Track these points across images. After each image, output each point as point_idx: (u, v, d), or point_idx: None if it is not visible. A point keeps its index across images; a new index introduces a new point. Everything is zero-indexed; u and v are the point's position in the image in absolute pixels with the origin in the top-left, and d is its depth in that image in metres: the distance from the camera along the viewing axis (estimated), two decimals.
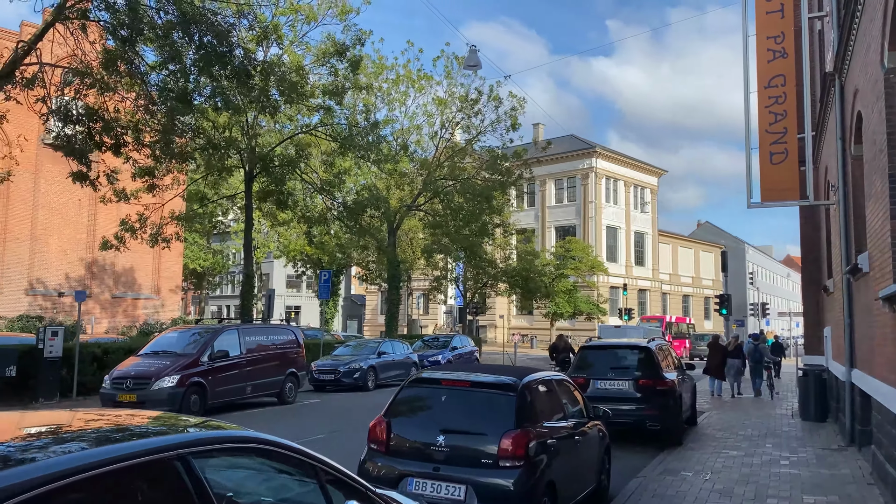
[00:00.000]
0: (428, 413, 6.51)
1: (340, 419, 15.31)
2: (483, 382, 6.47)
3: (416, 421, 6.51)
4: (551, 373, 7.62)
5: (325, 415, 16.11)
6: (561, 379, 7.64)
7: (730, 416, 15.83)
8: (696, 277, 77.03)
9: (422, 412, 6.56)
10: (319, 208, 24.31)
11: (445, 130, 33.11)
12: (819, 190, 14.22)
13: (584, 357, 12.28)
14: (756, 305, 42.51)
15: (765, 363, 20.73)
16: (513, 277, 40.80)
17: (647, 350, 11.90)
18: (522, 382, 6.43)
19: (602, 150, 64.44)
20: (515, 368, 7.70)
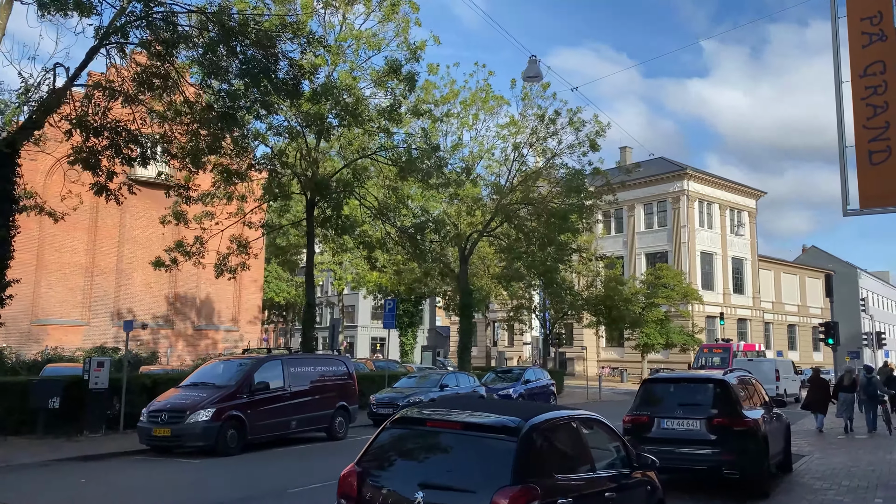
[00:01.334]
0: (408, 462, 5.26)
1: None
2: (478, 424, 5.16)
3: (393, 471, 5.25)
4: (578, 411, 6.18)
5: None
6: (591, 419, 6.18)
7: (834, 461, 13.55)
8: (803, 306, 71.63)
9: (401, 460, 5.30)
10: (379, 234, 23.54)
11: (519, 154, 31.89)
12: None
13: (649, 392, 10.62)
14: (870, 335, 38.44)
15: (880, 398, 19.27)
16: (596, 306, 38.67)
17: (723, 383, 10.12)
18: (528, 424, 5.07)
19: (694, 172, 61.32)
20: (532, 406, 6.28)
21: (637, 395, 10.66)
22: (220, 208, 22.95)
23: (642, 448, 10.01)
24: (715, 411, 9.91)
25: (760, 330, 65.25)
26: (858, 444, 16.38)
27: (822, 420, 19.37)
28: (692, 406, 10.16)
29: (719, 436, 9.69)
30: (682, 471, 9.99)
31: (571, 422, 5.69)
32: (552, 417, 5.43)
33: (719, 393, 10.07)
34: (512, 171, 32.02)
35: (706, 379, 10.44)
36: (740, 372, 11.35)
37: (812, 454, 14.66)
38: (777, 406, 12.18)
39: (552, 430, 5.35)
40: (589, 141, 29.66)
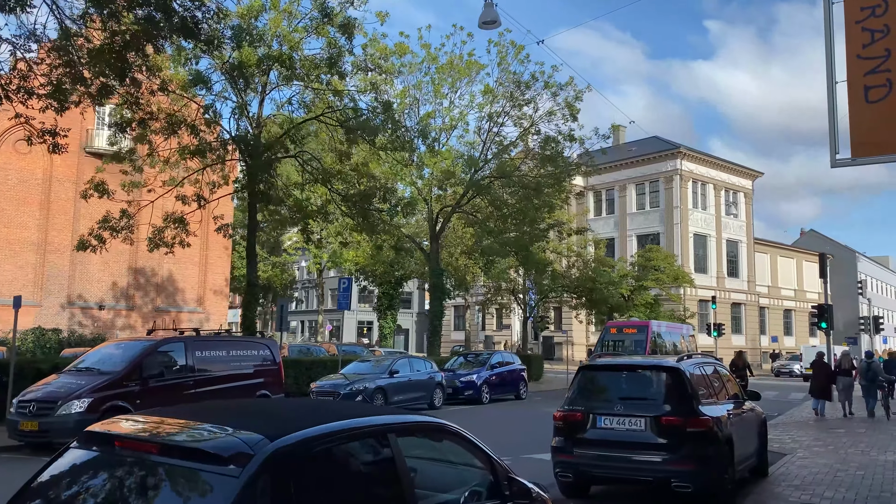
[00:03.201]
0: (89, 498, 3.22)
1: None
2: (184, 447, 3.11)
3: None
4: (411, 418, 4.13)
5: None
6: (435, 428, 4.14)
7: (819, 462, 11.58)
8: (800, 290, 69.68)
9: (80, 497, 3.26)
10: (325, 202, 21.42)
11: (494, 123, 29.74)
12: None
13: (586, 381, 8.60)
14: (867, 320, 36.48)
15: (879, 382, 19.31)
16: (576, 288, 36.65)
17: (675, 372, 8.10)
18: (270, 448, 3.01)
19: (687, 151, 59.13)
20: (327, 412, 4.14)
21: (571, 386, 8.65)
22: (154, 176, 20.88)
23: (576, 452, 8.05)
24: (666, 407, 7.92)
25: (755, 315, 63.34)
26: (852, 437, 14.43)
27: (823, 405, 19.30)
28: (637, 400, 8.15)
29: (669, 439, 7.69)
30: (626, 482, 8.01)
31: (379, 436, 3.62)
32: (330, 432, 3.36)
33: (671, 384, 8.06)
34: (487, 142, 29.92)
35: (655, 366, 8.41)
36: (701, 357, 9.31)
37: (795, 453, 12.69)
38: (751, 399, 10.17)
39: (324, 455, 3.28)
40: (567, 105, 27.49)
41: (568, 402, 8.44)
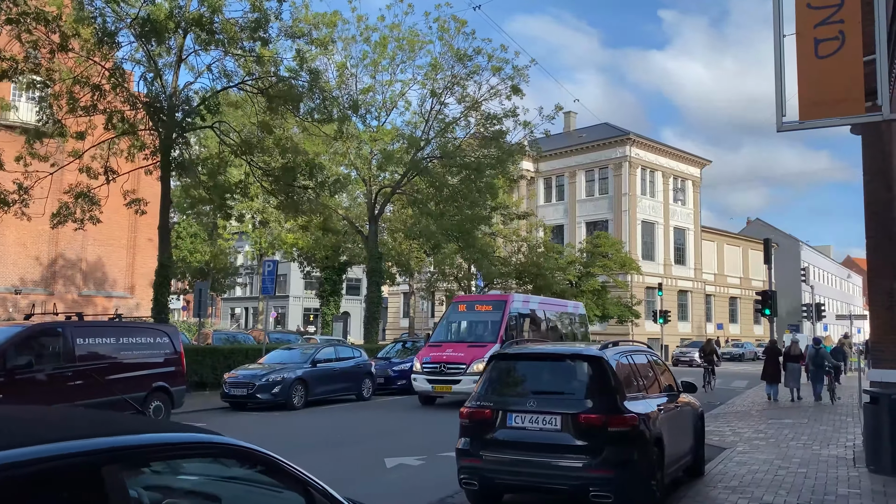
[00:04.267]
0: None
1: None
2: None
3: None
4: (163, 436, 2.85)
5: None
6: (205, 447, 2.88)
7: (760, 457, 10.73)
8: (745, 278, 70.45)
9: None
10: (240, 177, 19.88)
11: (437, 101, 28.44)
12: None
13: (498, 373, 7.43)
14: (810, 307, 36.53)
15: (826, 368, 19.94)
16: (521, 274, 35.73)
17: (598, 362, 7.00)
18: None
19: (637, 138, 58.83)
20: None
21: (481, 378, 7.48)
22: (58, 147, 19.00)
23: (483, 456, 6.89)
24: (586, 403, 6.81)
25: (702, 302, 63.73)
26: (795, 428, 13.70)
27: (776, 390, 20.08)
28: (553, 395, 7.03)
29: (588, 440, 6.59)
30: (538, 491, 6.89)
31: (86, 471, 2.31)
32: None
33: (592, 376, 6.96)
34: (430, 120, 28.62)
35: (575, 355, 7.29)
36: (630, 345, 8.25)
37: (735, 447, 11.86)
38: (687, 391, 9.19)
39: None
40: (511, 84, 26.38)
41: (476, 397, 7.28)
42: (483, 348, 17.25)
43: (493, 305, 19.59)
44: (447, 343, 18.70)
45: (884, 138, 12.37)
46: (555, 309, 23.09)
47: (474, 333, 19.18)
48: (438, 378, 17.46)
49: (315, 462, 10.46)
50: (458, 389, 16.58)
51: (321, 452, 11.24)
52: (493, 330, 18.44)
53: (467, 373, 16.94)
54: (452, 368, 17.31)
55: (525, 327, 19.67)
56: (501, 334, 17.91)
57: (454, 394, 16.90)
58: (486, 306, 19.87)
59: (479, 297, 23.44)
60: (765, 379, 20.53)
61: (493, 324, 18.66)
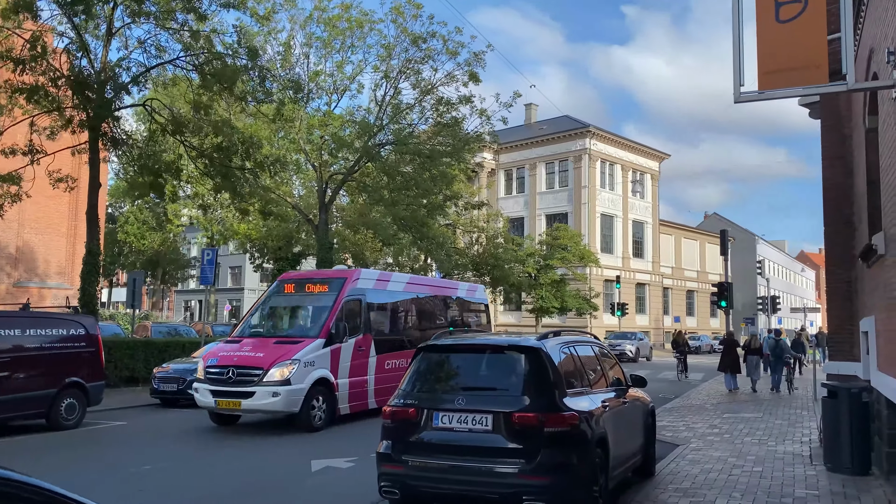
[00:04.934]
0: None
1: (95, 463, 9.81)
2: None
3: None
4: None
5: (92, 453, 10.58)
6: None
7: (714, 454, 10.15)
8: (702, 272, 71.02)
9: None
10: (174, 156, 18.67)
11: (391, 86, 27.48)
12: (863, 71, 8.48)
13: (425, 367, 6.62)
14: (765, 300, 36.64)
15: (785, 359, 20.45)
16: (477, 266, 35.03)
17: (535, 354, 6.23)
18: None
19: (597, 131, 58.66)
20: None
21: (407, 373, 6.66)
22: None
23: (406, 461, 6.08)
24: (522, 400, 6.03)
25: (659, 295, 64.03)
26: (750, 423, 13.22)
27: (733, 381, 20.29)
28: (484, 392, 6.26)
29: (522, 442, 5.83)
30: (466, 500, 6.10)
31: None
32: None
33: (529, 370, 6.19)
34: (383, 106, 27.64)
35: (510, 346, 6.51)
36: (573, 336, 7.50)
37: (688, 443, 11.28)
38: (636, 385, 8.51)
39: None
40: (468, 69, 25.58)
41: (401, 394, 6.46)
42: (295, 346, 12.31)
43: (330, 285, 13.80)
44: (248, 338, 13.23)
45: (843, 122, 11.92)
46: (436, 292, 17.30)
47: (292, 324, 13.97)
48: (224, 388, 11.90)
49: (239, 465, 9.56)
50: (251, 406, 11.77)
51: (250, 454, 10.33)
52: (318, 320, 13.13)
53: (264, 381, 11.71)
54: (244, 374, 11.87)
55: (375, 317, 14.42)
56: (329, 326, 12.72)
57: (246, 412, 12.19)
58: (319, 286, 14.00)
59: (313, 274, 16.61)
60: (722, 370, 20.76)
61: (320, 311, 13.23)
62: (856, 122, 10.90)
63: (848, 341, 11.44)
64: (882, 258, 7.87)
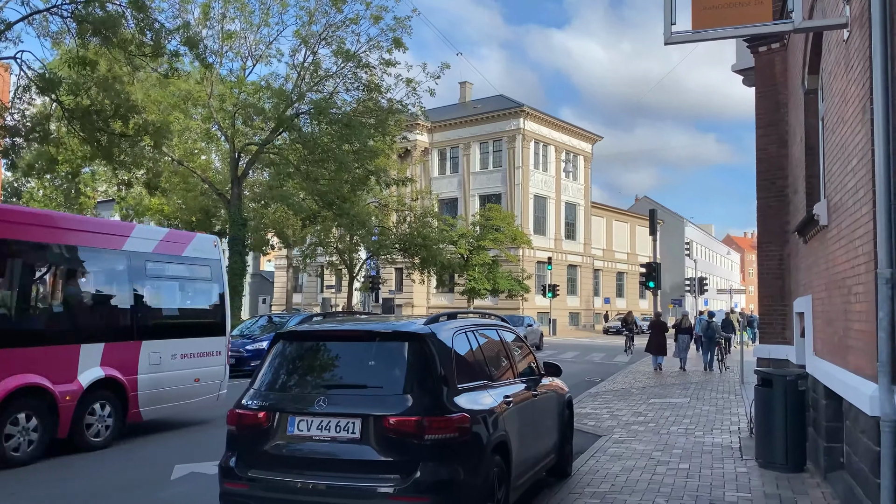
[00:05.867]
0: None
1: None
2: None
3: None
4: None
5: None
6: None
7: (637, 447, 9.23)
8: (632, 254, 71.72)
9: None
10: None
11: (310, 51, 25.74)
12: (807, 12, 7.51)
13: (282, 359, 5.30)
14: (693, 281, 36.70)
15: (717, 339, 20.90)
16: (405, 246, 33.72)
17: (417, 342, 4.99)
18: None
19: (531, 111, 57.92)
20: None
21: (259, 368, 5.34)
22: None
23: (253, 478, 4.77)
24: (399, 400, 4.78)
25: (590, 277, 64.21)
26: (676, 409, 12.45)
27: (660, 360, 20.61)
28: (353, 390, 4.98)
29: (398, 453, 4.60)
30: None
31: None
32: None
33: (412, 362, 4.94)
34: (302, 73, 25.90)
35: (389, 333, 5.23)
36: (472, 319, 6.30)
37: (611, 434, 10.36)
38: (550, 374, 7.42)
39: None
40: (392, 35, 24.08)
41: (250, 395, 5.14)
42: None
43: None
44: None
45: (779, 88, 11.10)
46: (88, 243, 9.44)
47: None
48: None
49: (88, 467, 8.08)
50: None
51: (105, 455, 8.82)
52: None
53: None
54: None
55: None
56: None
57: None
58: None
59: None
60: (650, 351, 20.92)
61: None
62: (793, 87, 10.08)
63: (779, 323, 10.72)
64: (824, 230, 6.98)
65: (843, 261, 5.99)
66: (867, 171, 5.07)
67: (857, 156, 5.39)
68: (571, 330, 57.77)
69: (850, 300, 5.75)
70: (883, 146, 4.70)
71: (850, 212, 5.75)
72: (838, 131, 6.27)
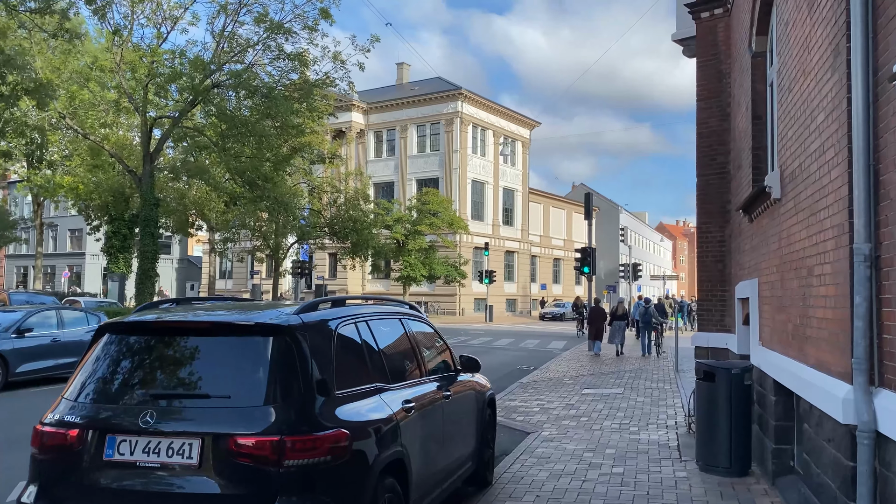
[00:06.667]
0: None
1: None
2: None
3: None
4: None
5: None
6: None
7: (568, 446, 8.35)
8: (569, 241, 71.91)
9: None
10: None
11: (230, 19, 23.99)
12: None
13: (105, 361, 4.05)
14: (627, 267, 36.54)
15: (653, 325, 21.37)
16: (334, 229, 32.29)
17: (282, 337, 3.83)
18: None
19: (469, 94, 56.93)
20: None
21: (77, 370, 4.11)
22: None
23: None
24: (259, 415, 3.63)
25: (527, 263, 63.99)
26: (610, 400, 11.67)
27: (598, 346, 21.16)
28: (191, 401, 3.79)
29: (248, 484, 3.47)
30: None
31: None
32: None
33: (273, 363, 3.78)
34: (221, 43, 24.12)
35: (243, 325, 4.05)
36: (362, 305, 5.18)
37: (541, 430, 9.46)
38: (467, 370, 6.40)
39: None
40: (319, 6, 22.62)
41: (60, 407, 3.91)
42: None
43: None
44: None
45: (721, 57, 10.34)
46: None
47: None
48: None
49: None
50: None
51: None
52: None
53: None
54: None
55: None
56: None
57: None
58: None
59: None
60: (589, 336, 21.80)
61: None
62: (737, 54, 9.32)
63: (719, 309, 10.01)
64: (776, 205, 6.15)
65: (802, 237, 5.14)
66: (839, 127, 4.19)
67: (826, 110, 4.51)
68: (508, 316, 57.40)
69: (811, 283, 4.91)
70: (862, 91, 3.81)
71: (812, 179, 4.89)
72: (797, 87, 5.40)
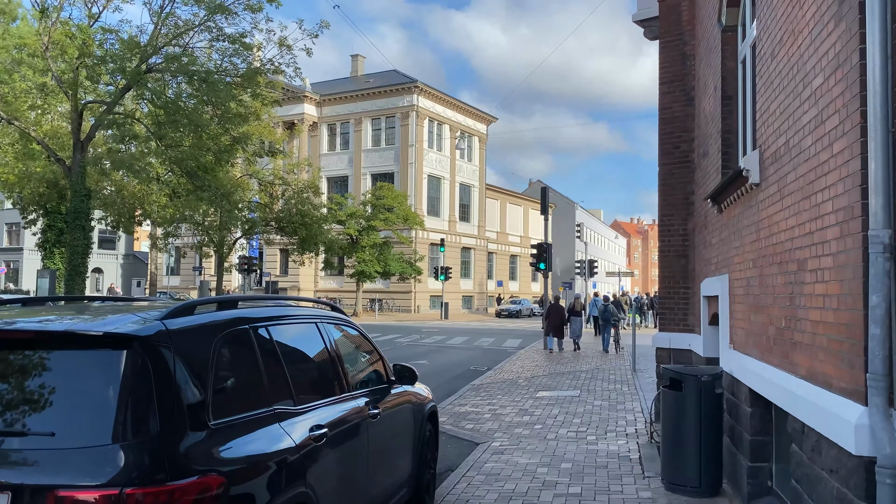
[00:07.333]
0: None
1: None
2: None
3: None
4: None
5: None
6: None
7: (520, 460, 7.55)
8: (525, 237, 71.59)
9: None
10: None
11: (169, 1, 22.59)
12: None
13: None
14: (583, 263, 36.15)
15: (612, 321, 21.68)
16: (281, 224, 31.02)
17: (142, 352, 2.88)
18: None
19: (425, 87, 55.97)
20: None
21: None
22: None
23: None
24: (97, 456, 2.66)
25: (484, 259, 63.41)
26: (566, 404, 10.93)
27: (557, 342, 21.43)
28: (3, 439, 2.82)
29: None
30: None
31: None
32: None
33: (127, 387, 2.82)
34: (159, 25, 22.70)
35: (82, 336, 3.04)
36: (257, 307, 4.22)
37: (491, 440, 8.65)
38: (401, 382, 5.51)
39: None
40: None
41: None
42: None
43: None
44: None
45: (685, 38, 9.65)
46: None
47: None
48: None
49: None
50: None
51: None
52: None
53: None
54: None
55: None
56: None
57: None
58: None
59: None
60: (546, 333, 21.85)
61: None
62: (702, 34, 8.63)
63: (682, 308, 9.33)
64: (755, 190, 5.41)
65: (791, 225, 4.39)
66: (845, 88, 3.42)
67: (825, 72, 3.75)
68: (464, 313, 56.73)
69: (802, 279, 4.15)
70: (879, 38, 3.04)
71: (804, 156, 4.13)
72: (783, 52, 4.65)
